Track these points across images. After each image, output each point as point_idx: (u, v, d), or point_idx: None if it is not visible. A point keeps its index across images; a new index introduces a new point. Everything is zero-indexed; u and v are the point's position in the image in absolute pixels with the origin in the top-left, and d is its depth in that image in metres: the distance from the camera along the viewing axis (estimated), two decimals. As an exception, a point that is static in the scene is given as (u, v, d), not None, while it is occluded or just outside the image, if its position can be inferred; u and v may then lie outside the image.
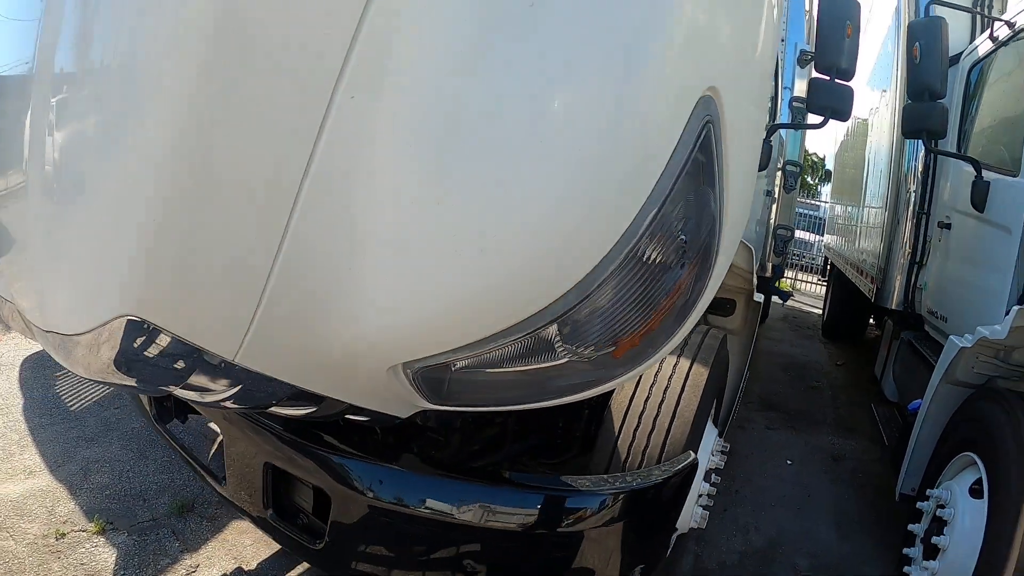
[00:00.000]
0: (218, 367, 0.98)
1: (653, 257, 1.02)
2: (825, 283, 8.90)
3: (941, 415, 2.53)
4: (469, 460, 1.76)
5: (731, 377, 2.90)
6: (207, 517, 2.69)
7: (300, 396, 1.15)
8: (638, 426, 1.88)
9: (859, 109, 5.77)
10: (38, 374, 3.76)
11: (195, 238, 0.83)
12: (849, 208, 6.69)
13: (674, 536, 1.97)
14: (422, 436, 1.73)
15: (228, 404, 1.13)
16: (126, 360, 0.96)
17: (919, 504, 2.41)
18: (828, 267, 8.32)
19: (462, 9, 0.86)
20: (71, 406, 3.45)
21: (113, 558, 2.35)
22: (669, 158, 0.94)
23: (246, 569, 2.43)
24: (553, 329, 1.05)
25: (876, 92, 5.34)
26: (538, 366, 1.13)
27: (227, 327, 0.93)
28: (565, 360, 1.12)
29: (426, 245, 0.91)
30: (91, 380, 1.24)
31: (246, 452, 1.65)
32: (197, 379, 1.01)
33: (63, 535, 2.44)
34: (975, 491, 2.08)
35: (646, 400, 1.93)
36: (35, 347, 4.17)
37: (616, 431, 1.89)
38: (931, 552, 2.19)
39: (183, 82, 0.76)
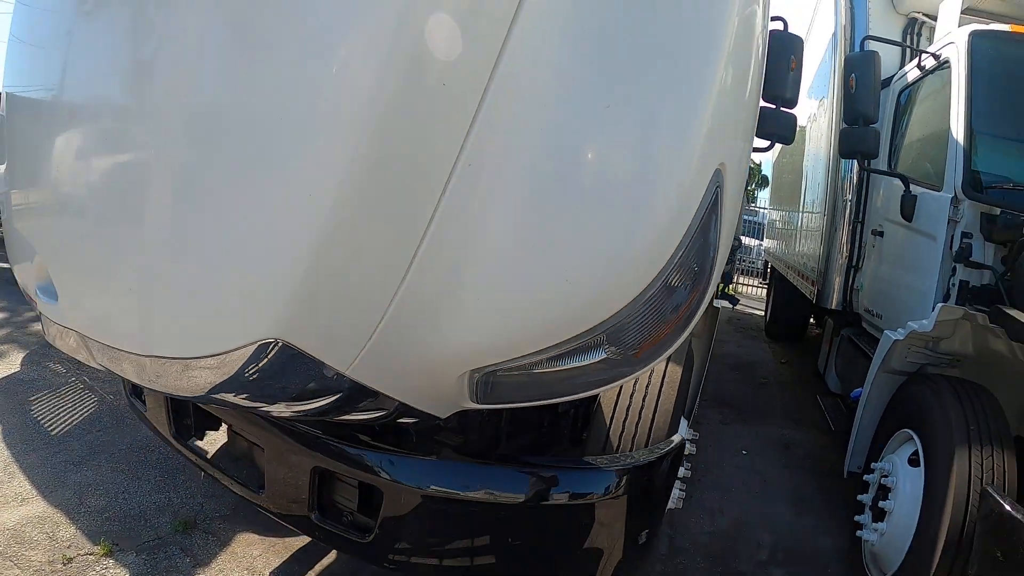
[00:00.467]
0: (330, 379, 1.15)
1: (675, 282, 1.31)
2: (766, 286, 9.36)
3: (880, 400, 2.90)
4: (486, 453, 1.96)
5: (694, 375, 3.21)
6: (212, 532, 2.74)
7: (379, 402, 1.33)
8: (626, 418, 2.12)
9: (798, 117, 6.13)
10: (11, 399, 3.69)
11: (341, 269, 1.03)
12: (788, 213, 7.07)
13: (667, 508, 2.22)
14: (444, 434, 1.92)
15: (312, 414, 1.30)
16: (247, 378, 1.12)
17: (866, 477, 2.75)
18: (768, 271, 8.76)
19: (558, 115, 1.13)
20: (52, 430, 3.41)
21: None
22: (694, 213, 1.26)
23: None
24: (602, 336, 1.30)
25: (815, 101, 5.70)
26: (575, 365, 1.37)
27: (348, 344, 1.11)
28: (599, 359, 1.36)
29: (527, 277, 1.20)
30: (187, 398, 1.39)
31: (292, 460, 1.78)
32: (306, 392, 1.18)
33: (70, 560, 2.45)
34: (913, 461, 2.43)
35: (631, 396, 2.18)
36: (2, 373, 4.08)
37: (607, 423, 2.13)
38: (879, 516, 2.53)
39: (346, 148, 0.97)
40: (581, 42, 1.13)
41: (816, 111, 5.61)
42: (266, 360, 1.08)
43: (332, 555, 2.70)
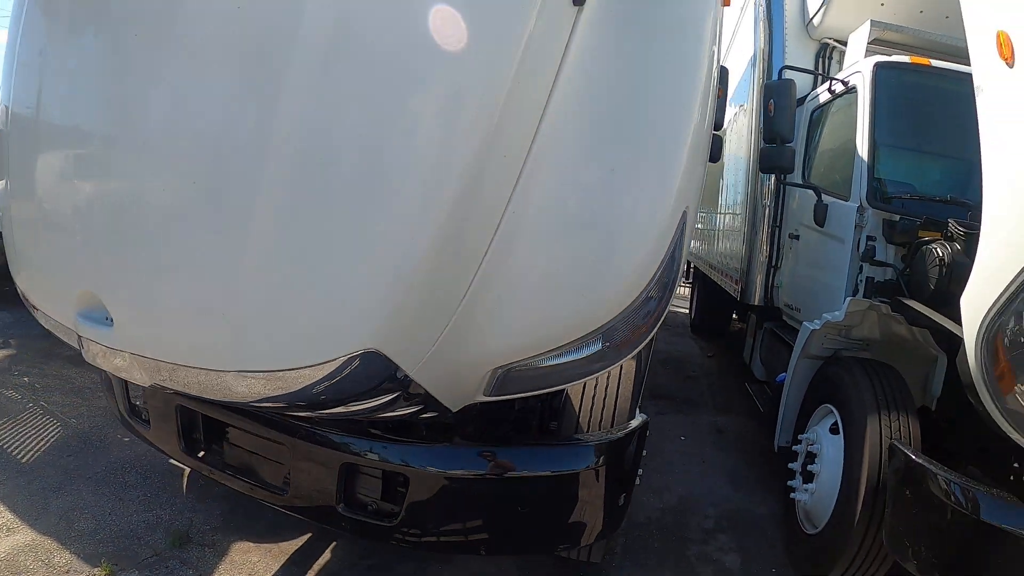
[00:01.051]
0: (397, 381, 1.39)
1: (652, 294, 1.67)
2: (689, 285, 9.95)
3: (802, 382, 3.38)
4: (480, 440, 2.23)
5: (646, 369, 3.61)
6: (207, 544, 2.82)
7: (419, 399, 1.57)
8: (592, 405, 2.44)
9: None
10: None
11: (426, 290, 1.28)
12: (707, 215, 7.46)
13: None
14: (448, 424, 2.18)
15: (364, 413, 1.53)
16: (328, 384, 1.34)
17: (794, 448, 3.22)
18: (691, 270, 9.32)
19: (579, 177, 1.48)
20: (21, 458, 3.33)
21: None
22: (668, 244, 1.65)
23: None
24: (599, 335, 1.61)
25: (735, 107, 6.03)
26: (573, 359, 1.68)
27: (418, 350, 1.36)
28: (593, 353, 1.68)
29: (553, 293, 1.52)
30: (250, 405, 1.57)
31: (320, 459, 1.96)
32: (373, 393, 1.41)
33: (73, 583, 2.49)
34: (833, 430, 2.90)
35: (595, 387, 2.50)
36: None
37: (576, 412, 2.44)
38: (808, 479, 2.99)
39: (439, 194, 1.23)
40: (596, 124, 1.49)
41: (734, 116, 6.02)
42: (357, 367, 1.31)
43: (327, 555, 2.85)
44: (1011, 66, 1.73)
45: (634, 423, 2.29)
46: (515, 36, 1.32)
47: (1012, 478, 2.28)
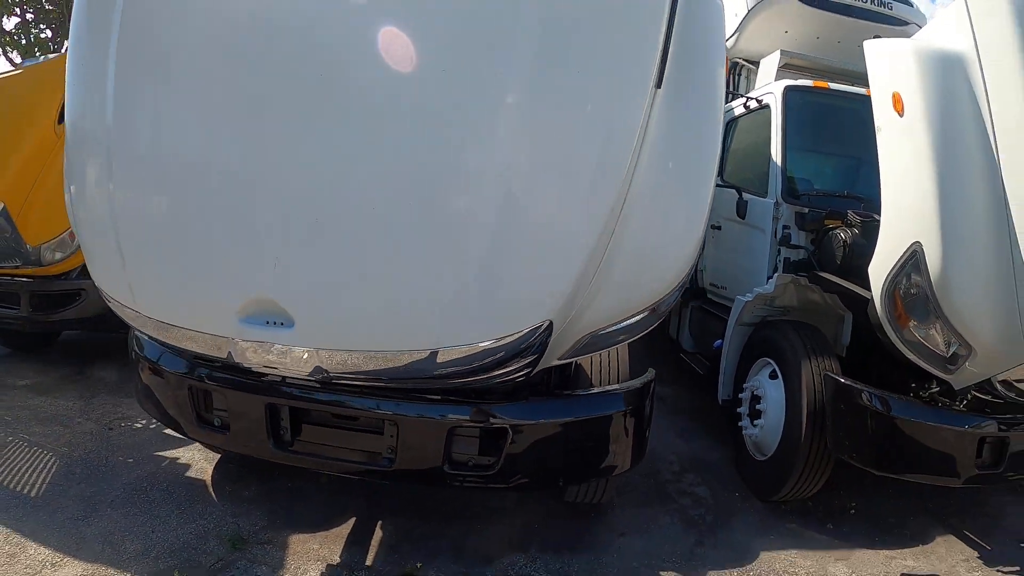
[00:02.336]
0: (541, 348, 1.89)
1: (686, 277, 2.31)
2: None
3: (737, 345, 4.20)
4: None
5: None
6: (264, 542, 2.99)
7: (534, 363, 2.08)
8: (600, 370, 3.03)
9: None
10: None
11: (588, 270, 1.80)
12: None
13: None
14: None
15: (502, 377, 2.01)
16: (505, 354, 1.81)
17: (740, 396, 4.02)
18: None
19: (659, 199, 2.08)
20: (29, 493, 3.25)
21: (224, 601, 2.59)
22: (701, 244, 2.30)
23: (333, 563, 2.91)
24: (652, 306, 2.22)
25: None
26: (627, 323, 2.27)
27: (565, 319, 1.86)
28: (640, 319, 2.28)
29: (643, 277, 2.09)
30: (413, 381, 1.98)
31: (429, 428, 2.36)
32: (520, 359, 1.89)
33: (158, 601, 2.59)
34: (772, 376, 3.72)
35: (600, 356, 3.10)
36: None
37: (589, 374, 3.02)
38: (755, 418, 3.79)
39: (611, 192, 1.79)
40: (667, 160, 2.05)
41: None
42: (534, 337, 1.79)
43: (379, 531, 3.14)
44: (901, 115, 2.57)
45: (647, 376, 2.90)
46: (641, 106, 1.90)
47: (911, 395, 3.17)
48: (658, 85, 1.95)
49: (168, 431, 4.08)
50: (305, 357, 1.97)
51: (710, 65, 2.29)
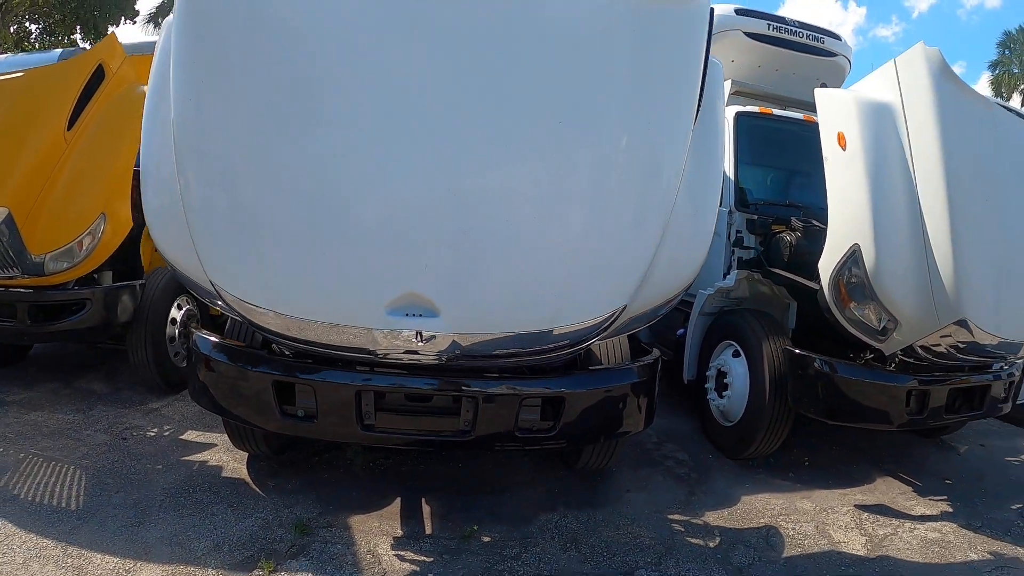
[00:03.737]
0: (609, 328, 2.46)
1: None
2: None
3: (700, 332, 4.95)
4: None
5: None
6: (327, 526, 3.21)
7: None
8: (606, 353, 3.61)
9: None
10: None
11: (653, 261, 2.42)
12: None
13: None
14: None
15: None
16: (591, 331, 2.37)
17: (707, 374, 4.77)
18: None
19: (691, 201, 2.68)
20: (68, 507, 3.24)
21: (319, 576, 2.83)
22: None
23: (397, 536, 3.22)
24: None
25: None
26: (659, 305, 2.88)
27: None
28: (668, 302, 2.90)
29: (675, 267, 2.68)
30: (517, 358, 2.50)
31: (506, 400, 2.83)
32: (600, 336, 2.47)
33: (250, 586, 2.74)
34: (735, 355, 4.49)
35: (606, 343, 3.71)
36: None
37: (599, 357, 3.59)
38: (722, 390, 4.54)
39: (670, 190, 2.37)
40: (696, 176, 2.61)
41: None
42: (613, 318, 2.34)
43: (426, 506, 3.50)
44: (844, 149, 3.40)
45: (655, 354, 3.52)
46: (687, 140, 2.48)
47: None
48: (694, 122, 2.58)
49: (184, 436, 4.22)
50: (445, 341, 2.39)
51: (719, 105, 2.95)
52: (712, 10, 2.55)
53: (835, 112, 3.52)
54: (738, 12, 5.36)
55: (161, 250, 2.84)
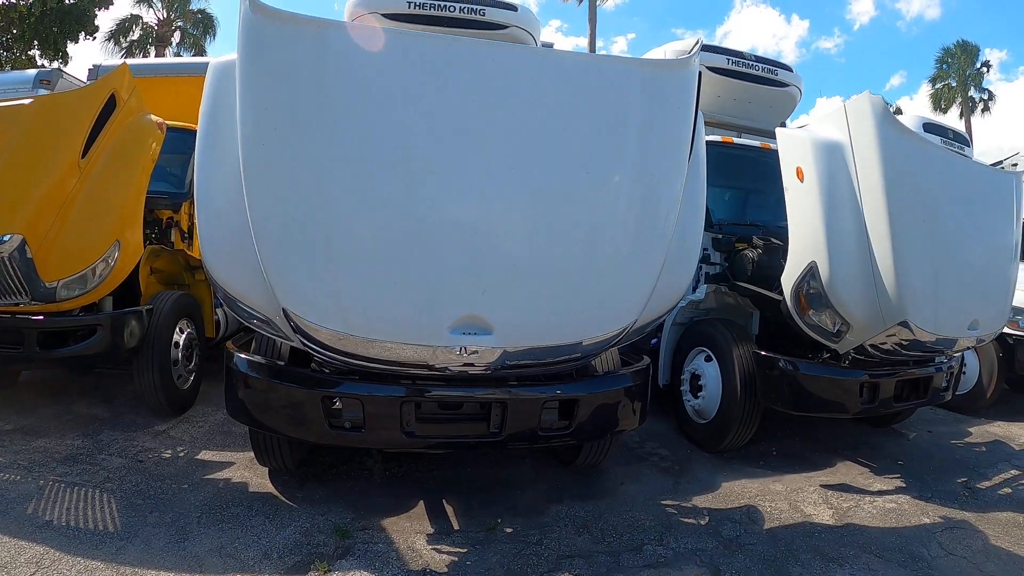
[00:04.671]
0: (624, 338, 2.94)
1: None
2: None
3: (673, 339, 5.51)
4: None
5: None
6: (362, 528, 3.44)
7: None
8: (600, 361, 4.07)
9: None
10: (16, 520, 3.31)
11: (657, 281, 2.93)
12: None
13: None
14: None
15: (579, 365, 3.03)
16: (609, 341, 2.85)
17: (681, 377, 5.31)
18: None
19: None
20: (106, 528, 3.33)
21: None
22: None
23: (430, 533, 3.48)
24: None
25: None
26: (650, 324, 3.38)
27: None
28: (664, 315, 3.42)
29: (671, 285, 3.21)
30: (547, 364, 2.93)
31: (530, 404, 3.23)
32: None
33: (309, 586, 2.95)
34: (707, 359, 5.04)
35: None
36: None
37: (593, 364, 4.03)
38: (696, 391, 5.08)
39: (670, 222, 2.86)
40: (688, 205, 3.13)
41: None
42: (625, 331, 2.84)
43: (448, 506, 3.80)
44: (802, 181, 4.03)
45: (645, 362, 3.99)
46: (683, 176, 2.98)
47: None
48: (688, 159, 3.09)
49: (200, 456, 4.33)
50: (495, 354, 2.75)
51: (703, 142, 3.49)
52: (700, 67, 3.09)
53: (794, 149, 4.16)
54: (702, 48, 5.94)
55: (220, 282, 3.05)
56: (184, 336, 4.97)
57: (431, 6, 5.36)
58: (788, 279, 4.28)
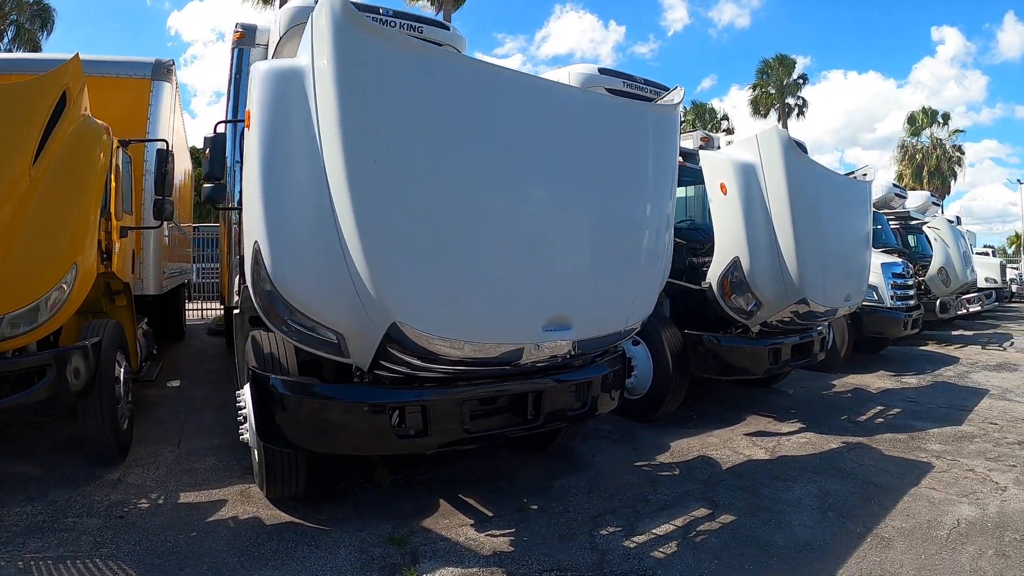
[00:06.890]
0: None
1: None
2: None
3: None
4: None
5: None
6: (410, 532, 3.55)
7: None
8: None
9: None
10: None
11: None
12: None
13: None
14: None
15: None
16: (621, 335, 3.55)
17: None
18: None
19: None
20: (163, 564, 3.05)
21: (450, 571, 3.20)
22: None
23: (469, 523, 3.71)
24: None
25: None
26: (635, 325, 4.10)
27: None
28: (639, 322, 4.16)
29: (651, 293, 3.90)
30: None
31: (565, 390, 3.68)
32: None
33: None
34: (635, 343, 5.89)
35: None
36: None
37: None
38: (628, 373, 5.91)
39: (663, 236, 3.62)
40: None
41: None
42: (641, 324, 3.51)
43: (467, 498, 4.05)
44: (725, 195, 5.04)
45: (620, 350, 4.67)
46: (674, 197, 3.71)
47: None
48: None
49: (183, 500, 3.95)
50: (568, 345, 3.21)
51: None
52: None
53: (718, 169, 5.19)
54: (601, 71, 6.75)
55: (292, 301, 2.93)
56: (123, 370, 4.35)
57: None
58: (715, 272, 5.30)
